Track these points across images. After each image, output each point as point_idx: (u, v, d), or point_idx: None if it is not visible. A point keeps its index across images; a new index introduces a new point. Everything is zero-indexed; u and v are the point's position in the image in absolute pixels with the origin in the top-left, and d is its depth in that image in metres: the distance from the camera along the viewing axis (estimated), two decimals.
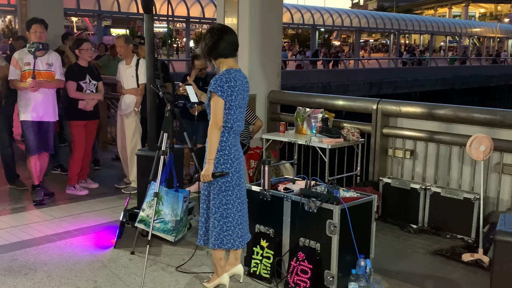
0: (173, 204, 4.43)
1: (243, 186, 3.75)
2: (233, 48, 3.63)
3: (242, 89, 3.62)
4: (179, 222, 4.47)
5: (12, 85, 5.75)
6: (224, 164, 3.60)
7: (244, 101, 3.67)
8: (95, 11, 27.46)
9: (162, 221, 4.42)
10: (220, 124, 3.53)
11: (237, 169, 3.66)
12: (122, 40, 6.28)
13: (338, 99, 6.61)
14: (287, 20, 33.97)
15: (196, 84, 6.32)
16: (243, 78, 3.67)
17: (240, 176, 3.71)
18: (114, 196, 6.21)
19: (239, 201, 3.71)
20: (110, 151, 8.54)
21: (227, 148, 3.61)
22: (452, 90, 33.03)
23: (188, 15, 30.42)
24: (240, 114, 3.65)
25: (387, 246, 4.76)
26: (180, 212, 4.45)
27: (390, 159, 5.92)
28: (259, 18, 6.65)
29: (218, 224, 3.66)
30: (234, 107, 3.56)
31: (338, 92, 25.29)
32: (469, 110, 5.38)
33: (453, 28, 47.92)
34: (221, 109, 3.52)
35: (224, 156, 3.60)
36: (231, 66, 3.63)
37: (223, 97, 3.50)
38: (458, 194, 4.99)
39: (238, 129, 3.67)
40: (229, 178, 3.62)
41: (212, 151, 3.56)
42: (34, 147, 5.83)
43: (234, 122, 3.60)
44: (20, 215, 5.49)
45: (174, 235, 4.46)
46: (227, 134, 3.60)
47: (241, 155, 3.73)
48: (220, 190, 3.64)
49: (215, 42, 3.58)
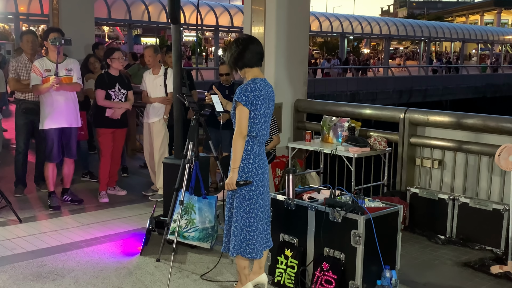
0: (206, 211, 4.47)
1: (266, 195, 3.76)
2: (258, 58, 3.66)
3: (267, 99, 3.64)
4: (212, 229, 4.51)
5: (35, 90, 5.82)
6: (248, 172, 3.61)
7: (269, 110, 3.69)
8: (125, 21, 27.87)
9: (196, 229, 4.46)
10: (244, 133, 3.55)
11: (261, 178, 3.67)
12: (152, 50, 6.43)
13: (365, 107, 6.56)
14: (315, 28, 33.90)
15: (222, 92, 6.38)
16: (269, 88, 3.69)
17: (264, 185, 3.71)
18: (141, 203, 6.28)
19: (262, 210, 3.71)
20: (139, 159, 8.64)
21: (252, 157, 3.62)
22: (484, 99, 32.50)
23: (217, 24, 30.64)
24: (265, 123, 3.67)
25: (414, 257, 4.70)
26: (214, 219, 4.50)
27: (418, 169, 5.85)
28: (285, 26, 6.67)
29: (241, 232, 3.67)
30: (258, 116, 3.58)
31: (366, 100, 25.15)
32: (498, 119, 5.28)
33: (484, 35, 47.15)
34: (245, 118, 3.54)
35: (248, 165, 3.62)
36: (256, 75, 3.65)
37: (248, 106, 3.53)
38: (487, 205, 4.90)
39: (263, 138, 3.69)
40: (253, 187, 3.63)
41: (237, 159, 3.58)
42: (55, 154, 5.95)
43: (259, 131, 3.62)
44: (49, 221, 5.59)
45: (210, 242, 4.51)
46: (252, 143, 3.62)
47: (265, 164, 3.73)
48: (244, 199, 3.65)
49: (240, 52, 3.61)
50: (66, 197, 6.21)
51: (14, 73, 6.30)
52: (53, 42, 5.70)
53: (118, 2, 27.26)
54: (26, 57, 6.36)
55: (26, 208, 6.00)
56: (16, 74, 6.29)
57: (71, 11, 9.22)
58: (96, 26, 38.23)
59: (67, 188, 6.25)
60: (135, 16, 27.69)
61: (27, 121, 6.40)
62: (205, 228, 4.46)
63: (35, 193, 6.67)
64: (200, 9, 28.59)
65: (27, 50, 6.41)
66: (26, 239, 5.01)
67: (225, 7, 31.50)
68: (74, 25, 9.02)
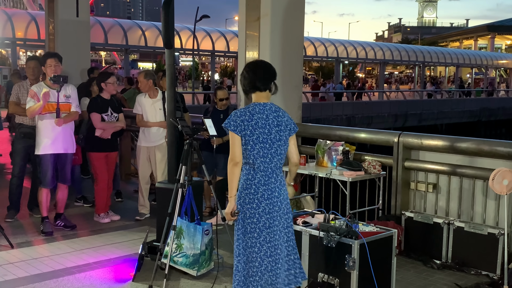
0: (193, 237, 4.42)
1: (276, 229, 3.43)
2: (261, 83, 3.53)
3: (266, 123, 3.44)
4: (200, 255, 4.44)
5: (30, 112, 5.79)
6: (249, 203, 3.39)
7: (271, 136, 3.45)
8: (122, 46, 28.08)
9: (184, 255, 4.41)
10: (235, 160, 3.38)
11: (268, 210, 3.39)
12: (142, 76, 6.58)
13: (359, 131, 6.58)
14: (311, 53, 34.20)
15: (217, 117, 6.43)
16: (272, 112, 3.49)
17: (272, 218, 3.41)
18: (135, 228, 6.23)
19: (269, 245, 3.41)
20: (133, 183, 8.60)
21: (253, 187, 3.39)
22: (479, 123, 32.67)
23: (213, 49, 30.89)
24: (264, 149, 3.42)
25: (409, 282, 4.65)
26: (200, 245, 4.43)
27: (413, 193, 5.83)
28: (279, 51, 6.71)
29: (243, 268, 3.44)
30: (251, 142, 3.40)
31: (362, 124, 25.22)
32: (492, 143, 5.29)
33: (479, 60, 47.62)
34: (235, 144, 3.39)
35: (249, 195, 3.40)
36: (257, 100, 3.52)
37: (236, 131, 3.39)
38: (482, 229, 4.88)
39: (266, 166, 3.42)
40: (255, 219, 3.39)
41: (231, 188, 3.39)
42: (49, 179, 5.93)
43: (256, 158, 3.40)
44: (42, 247, 5.53)
45: (196, 269, 4.44)
46: (253, 171, 3.41)
47: (276, 195, 3.44)
48: (245, 232, 3.42)
49: (244, 77, 3.55)
50: (59, 222, 6.16)
51: (15, 97, 6.35)
52: (55, 81, 5.73)
53: (115, 27, 27.52)
54: (29, 82, 6.41)
55: (18, 233, 5.93)
56: (17, 98, 6.33)
57: (67, 36, 9.28)
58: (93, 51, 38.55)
59: (61, 213, 6.20)
60: (131, 41, 27.91)
61: (25, 145, 6.38)
62: (193, 254, 4.40)
63: (28, 218, 6.61)
64: (197, 34, 28.84)
65: (30, 76, 6.51)
66: (17, 265, 4.95)
67: (221, 33, 31.81)
68: (70, 50, 9.06)
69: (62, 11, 9.24)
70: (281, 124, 3.51)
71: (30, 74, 6.50)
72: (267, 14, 6.57)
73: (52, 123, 5.79)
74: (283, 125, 3.52)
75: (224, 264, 4.88)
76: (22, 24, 24.63)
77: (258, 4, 6.62)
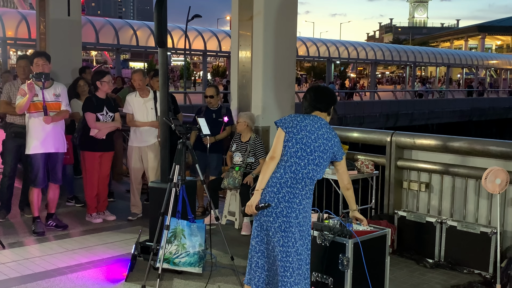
0: (196, 235, 4.43)
1: (291, 235, 3.41)
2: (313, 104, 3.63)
3: (315, 131, 3.49)
4: (204, 251, 4.48)
5: (18, 107, 5.74)
6: (269, 200, 3.43)
7: (315, 143, 3.47)
8: (114, 45, 27.96)
9: (187, 254, 4.42)
10: (272, 155, 3.46)
11: (285, 213, 3.40)
12: (141, 74, 6.52)
13: (352, 131, 6.59)
14: (303, 53, 34.24)
15: (209, 116, 6.41)
16: (325, 126, 3.55)
17: (289, 222, 3.40)
18: (127, 228, 6.20)
19: (281, 249, 3.43)
20: (125, 183, 8.56)
21: (277, 186, 3.42)
22: (470, 122, 32.85)
23: (205, 49, 30.84)
24: (303, 151, 3.44)
25: (402, 281, 4.66)
26: (203, 241, 4.46)
27: (405, 192, 5.84)
28: (272, 51, 6.70)
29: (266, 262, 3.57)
30: (293, 140, 3.44)
31: (354, 124, 25.28)
32: (484, 142, 5.31)
33: (469, 60, 47.89)
34: (278, 140, 3.48)
35: (271, 193, 3.43)
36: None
37: (283, 127, 3.48)
38: (475, 228, 4.89)
39: (296, 168, 3.43)
40: (271, 219, 3.42)
41: (261, 181, 3.44)
42: (40, 179, 5.89)
43: (291, 156, 3.43)
44: (34, 247, 5.49)
45: (201, 267, 4.46)
46: (283, 170, 3.44)
47: (297, 202, 3.43)
48: (261, 229, 3.51)
49: (306, 97, 3.67)
50: (50, 222, 6.11)
51: (6, 96, 6.31)
52: (37, 78, 5.68)
53: (106, 27, 27.39)
54: (20, 82, 6.35)
55: (10, 233, 5.89)
56: (8, 97, 6.29)
57: (58, 36, 9.21)
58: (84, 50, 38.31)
59: (52, 213, 6.16)
60: (123, 40, 27.79)
61: (15, 144, 6.34)
62: (196, 252, 4.41)
63: (19, 218, 6.56)
64: (189, 34, 28.77)
65: (20, 75, 6.44)
66: (9, 266, 4.90)
67: (213, 32, 31.78)
68: (61, 49, 9.00)
69: (53, 10, 9.16)
70: (331, 141, 3.55)
71: (21, 73, 6.44)
72: (260, 13, 6.57)
73: (41, 122, 5.74)
74: (332, 142, 3.56)
75: (217, 263, 4.87)
76: (13, 23, 24.43)
77: (250, 3, 6.62)
